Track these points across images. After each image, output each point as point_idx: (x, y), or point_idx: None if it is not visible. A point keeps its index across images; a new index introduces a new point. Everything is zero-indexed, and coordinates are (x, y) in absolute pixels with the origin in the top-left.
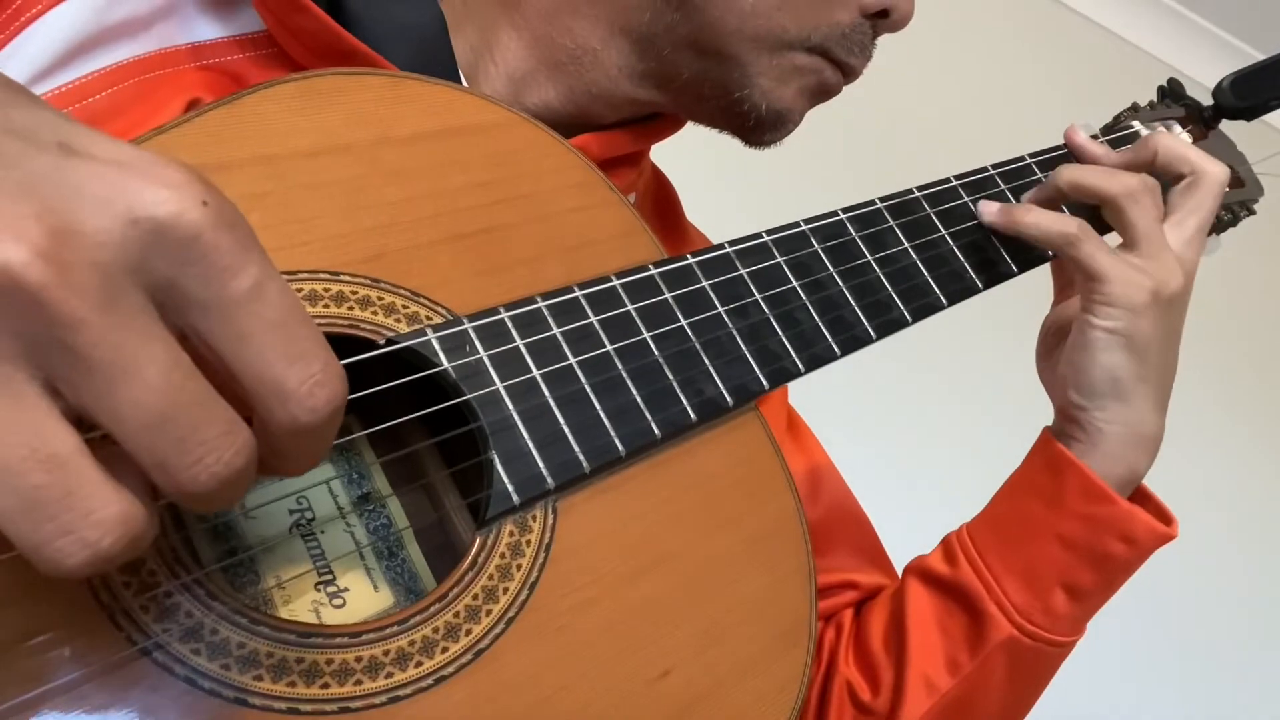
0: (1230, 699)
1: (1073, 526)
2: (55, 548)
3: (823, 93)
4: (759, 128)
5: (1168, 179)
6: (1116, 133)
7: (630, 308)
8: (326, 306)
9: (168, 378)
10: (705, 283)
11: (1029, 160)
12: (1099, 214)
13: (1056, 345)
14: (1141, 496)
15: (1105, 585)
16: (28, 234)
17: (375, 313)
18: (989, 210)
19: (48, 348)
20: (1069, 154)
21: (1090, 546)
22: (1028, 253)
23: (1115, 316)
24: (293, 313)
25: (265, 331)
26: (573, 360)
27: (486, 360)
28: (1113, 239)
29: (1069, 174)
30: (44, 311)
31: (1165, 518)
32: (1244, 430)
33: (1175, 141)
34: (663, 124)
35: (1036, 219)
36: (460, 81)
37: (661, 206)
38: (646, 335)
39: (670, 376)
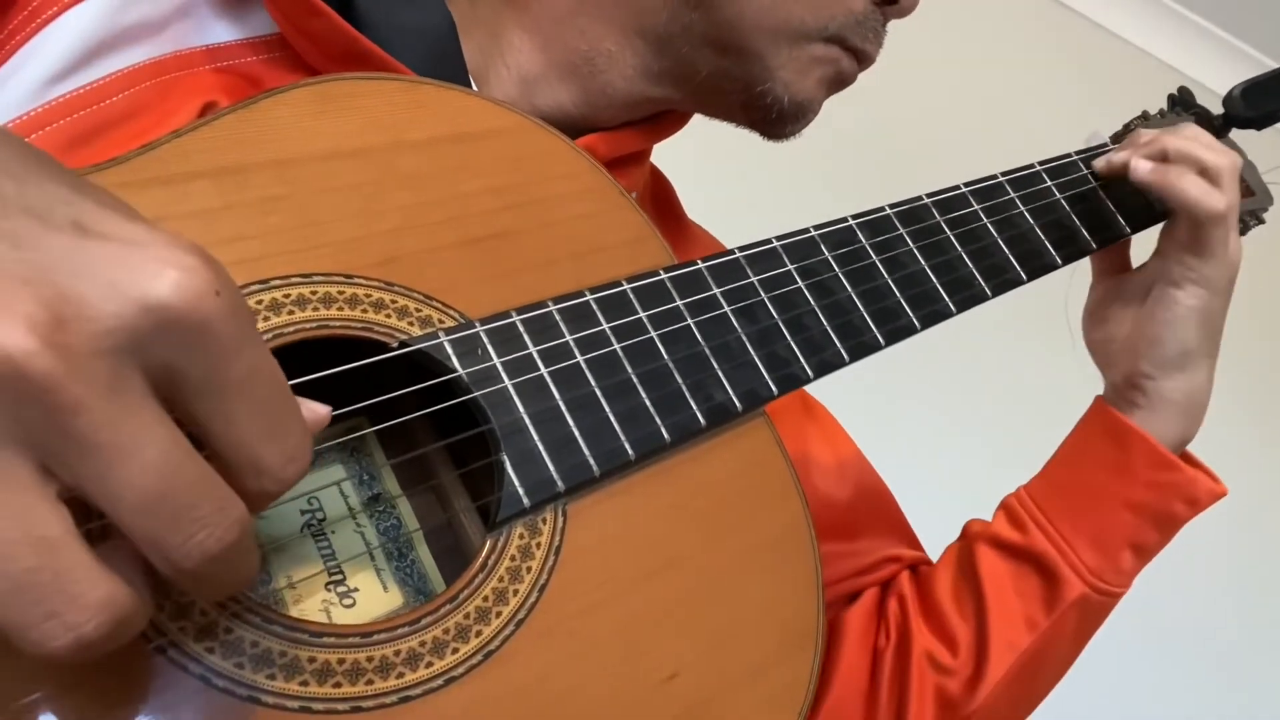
0: (1228, 698)
1: (1141, 493)
2: (41, 630)
3: (840, 81)
4: (780, 120)
5: None
6: None
7: (641, 313)
8: (341, 309)
9: (166, 458)
10: (715, 289)
11: (1038, 168)
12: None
13: (1108, 319)
14: (1188, 458)
15: (1164, 540)
16: (33, 318)
17: (389, 315)
18: (1142, 168)
19: (45, 431)
20: (1076, 163)
21: (1157, 510)
22: (1037, 260)
23: (1200, 296)
24: (278, 390)
25: (252, 412)
26: (583, 364)
27: (498, 363)
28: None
29: (1179, 141)
30: (45, 397)
31: (1213, 476)
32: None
33: (1186, 141)
34: (669, 121)
35: (1190, 184)
36: (470, 84)
37: (661, 204)
38: (656, 340)
39: (680, 381)
